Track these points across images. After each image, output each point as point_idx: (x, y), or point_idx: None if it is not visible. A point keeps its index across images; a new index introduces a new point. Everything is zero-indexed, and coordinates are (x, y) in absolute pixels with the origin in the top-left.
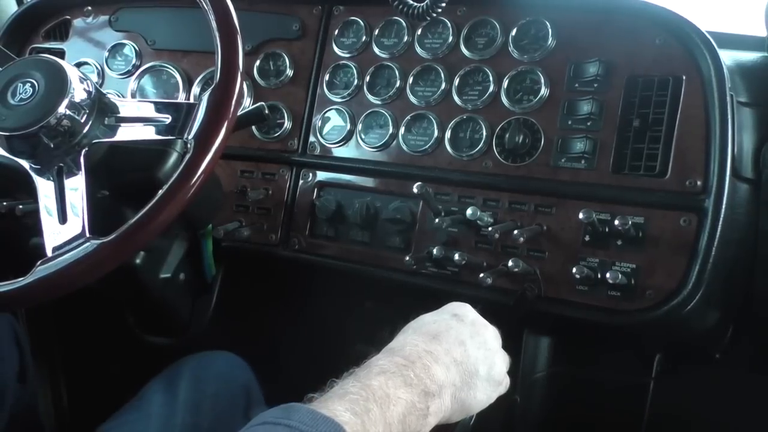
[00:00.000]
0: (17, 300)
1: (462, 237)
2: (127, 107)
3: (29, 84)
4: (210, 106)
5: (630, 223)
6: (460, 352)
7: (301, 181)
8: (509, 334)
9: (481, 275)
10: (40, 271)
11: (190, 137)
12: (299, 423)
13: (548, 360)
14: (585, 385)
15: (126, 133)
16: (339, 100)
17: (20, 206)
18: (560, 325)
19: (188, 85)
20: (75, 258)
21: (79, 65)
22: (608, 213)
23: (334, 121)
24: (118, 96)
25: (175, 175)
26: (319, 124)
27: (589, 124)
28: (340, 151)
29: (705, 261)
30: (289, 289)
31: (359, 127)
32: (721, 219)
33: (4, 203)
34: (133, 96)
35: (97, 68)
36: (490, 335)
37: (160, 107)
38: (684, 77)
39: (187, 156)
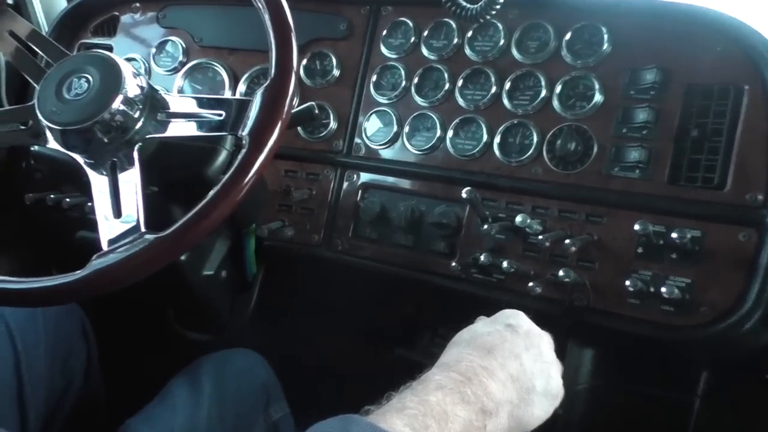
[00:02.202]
0: (74, 292)
1: (509, 244)
2: (177, 103)
3: (84, 79)
4: (265, 103)
5: (688, 236)
6: (515, 366)
7: (345, 182)
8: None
9: (530, 284)
10: (97, 264)
11: (245, 133)
12: None
13: (591, 372)
14: (627, 400)
15: (177, 129)
16: (385, 101)
17: (67, 199)
18: (607, 338)
19: (234, 82)
20: (131, 252)
21: (128, 60)
22: (663, 225)
23: (380, 123)
24: (167, 92)
25: (230, 173)
26: (365, 126)
27: (644, 132)
28: (385, 153)
29: (765, 279)
30: (330, 290)
31: (406, 129)
32: None
33: (52, 196)
34: (180, 93)
35: (144, 64)
36: (546, 345)
37: (211, 103)
38: (746, 87)
39: (242, 153)
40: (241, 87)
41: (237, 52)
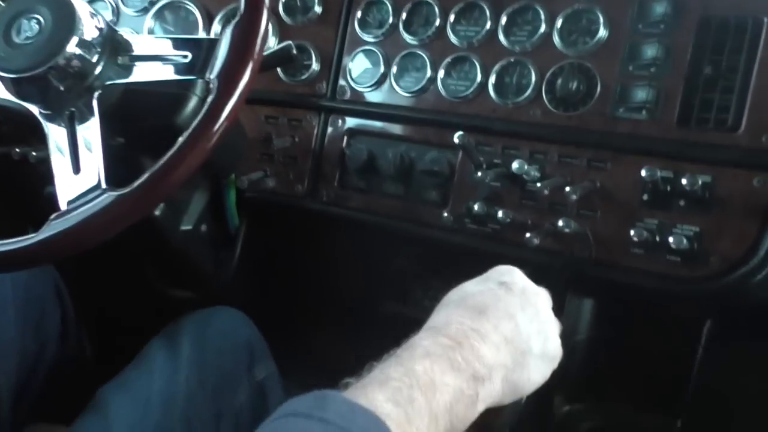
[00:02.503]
0: (31, 256)
1: (505, 192)
2: (142, 44)
3: (35, 20)
4: (234, 42)
5: (699, 182)
6: (510, 327)
7: (329, 128)
8: (552, 296)
9: (528, 235)
10: (54, 226)
11: (213, 76)
12: (335, 416)
13: (590, 323)
14: (627, 350)
15: (142, 73)
16: (372, 39)
17: (33, 153)
18: (609, 289)
19: (208, 22)
20: (91, 212)
21: (92, 1)
22: (671, 170)
23: (367, 63)
24: (130, 33)
25: (197, 120)
26: (350, 67)
27: (653, 70)
28: (372, 96)
29: None
30: (317, 242)
31: (394, 69)
32: None
33: (17, 150)
34: (150, 35)
35: (111, 5)
36: (543, 304)
37: (178, 43)
38: (765, 19)
39: (210, 98)
40: (216, 27)
41: None
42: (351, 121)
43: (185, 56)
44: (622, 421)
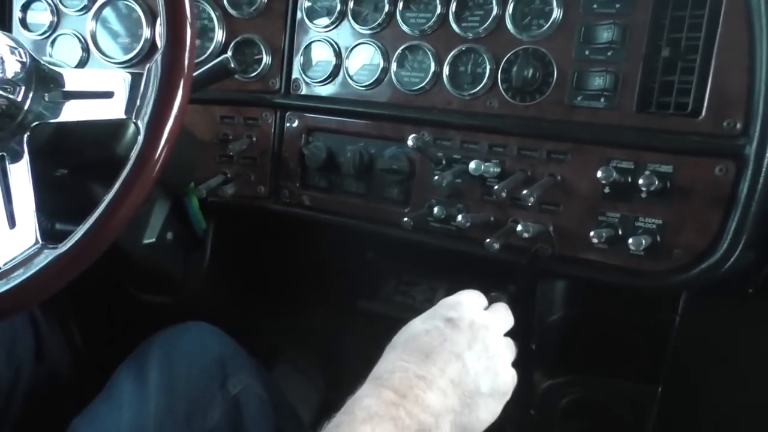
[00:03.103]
0: None
1: (466, 188)
2: (72, 77)
3: None
4: (160, 83)
5: (656, 178)
6: (457, 369)
7: (287, 125)
8: (522, 284)
9: (488, 240)
10: None
11: (140, 122)
12: None
13: (563, 301)
14: (604, 324)
15: (73, 111)
16: (321, 30)
17: None
18: (576, 279)
19: (152, 20)
20: (30, 272)
21: (29, 4)
22: (631, 161)
23: (318, 55)
24: (57, 65)
25: (126, 170)
26: (302, 60)
27: (609, 54)
28: (326, 90)
29: (743, 217)
30: (285, 240)
31: (346, 62)
32: (764, 168)
33: None
34: (93, 37)
35: (50, 5)
36: (492, 337)
37: (106, 76)
38: None
39: (138, 144)
40: (159, 27)
41: None
42: (308, 118)
43: (111, 93)
44: (602, 392)
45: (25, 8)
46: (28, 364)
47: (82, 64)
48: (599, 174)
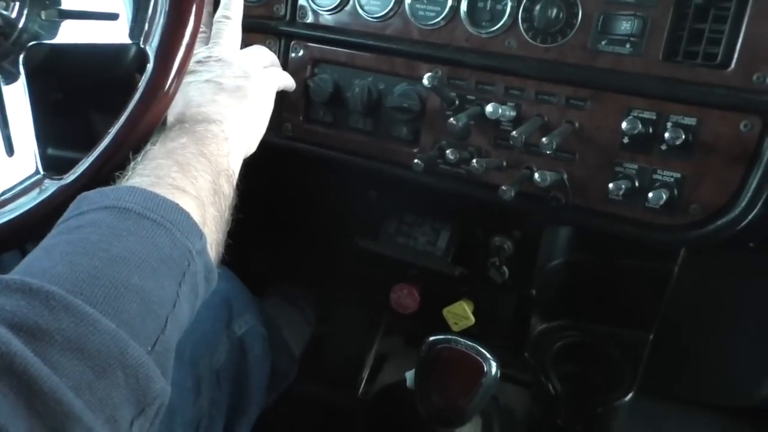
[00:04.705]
0: None
1: (479, 131)
2: None
3: None
4: (172, 6)
5: (682, 125)
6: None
7: (291, 55)
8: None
9: (503, 187)
10: None
11: (149, 48)
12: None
13: (567, 248)
14: (604, 273)
15: (70, 33)
16: None
17: None
18: (586, 229)
19: None
20: (30, 205)
21: None
22: (654, 111)
23: None
24: None
25: (134, 99)
26: None
27: None
28: (335, 20)
29: (765, 176)
30: (283, 174)
31: None
32: None
33: None
34: None
35: None
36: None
37: None
38: None
39: (147, 73)
40: None
41: None
42: (314, 49)
43: (116, 15)
44: (595, 337)
45: None
46: None
47: None
48: (624, 125)
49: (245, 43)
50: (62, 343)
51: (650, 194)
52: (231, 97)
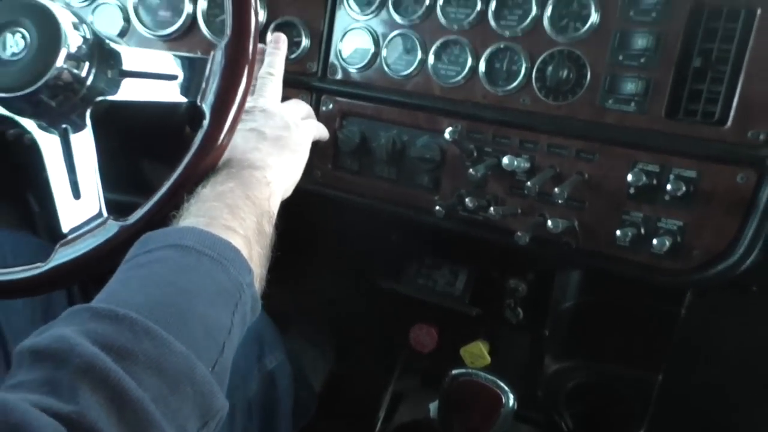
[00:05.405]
0: (36, 286)
1: (496, 180)
2: (130, 57)
3: (19, 34)
4: (224, 69)
5: (684, 177)
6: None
7: (322, 108)
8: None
9: (518, 233)
10: (60, 256)
11: (205, 105)
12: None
13: (578, 291)
14: (613, 314)
15: (131, 90)
16: (361, 17)
17: (27, 135)
18: (595, 272)
19: None
20: (96, 242)
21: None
22: (657, 164)
23: (357, 43)
24: (116, 42)
25: (191, 152)
26: (341, 45)
27: (642, 61)
28: (363, 77)
29: (761, 224)
30: (313, 217)
31: (384, 51)
32: None
33: (11, 131)
34: (135, 9)
35: None
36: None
37: (166, 59)
38: (759, 10)
39: (203, 128)
40: (202, 4)
41: None
42: (343, 103)
43: (174, 76)
44: (606, 377)
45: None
46: None
47: (122, 34)
48: (629, 178)
49: (284, 97)
50: (144, 362)
51: (655, 241)
52: (272, 146)
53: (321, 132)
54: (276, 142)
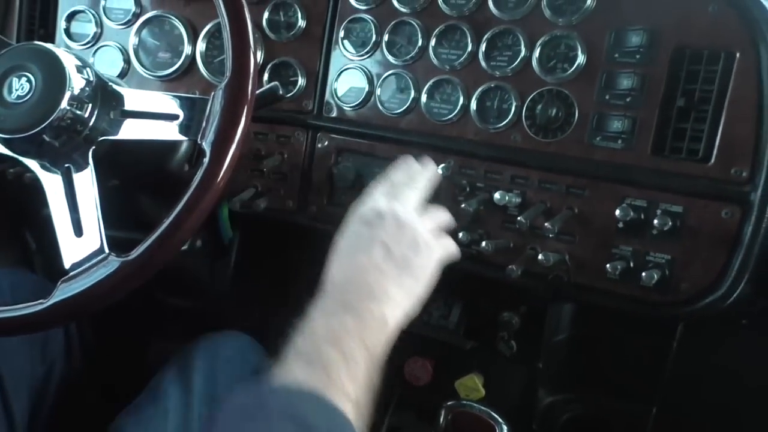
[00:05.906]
0: (37, 323)
1: (488, 216)
2: (132, 98)
3: (25, 78)
4: (224, 108)
5: (667, 218)
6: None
7: (318, 145)
8: (535, 304)
9: (510, 267)
10: (62, 292)
11: (205, 144)
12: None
13: (570, 324)
14: (606, 346)
15: (132, 130)
16: (356, 58)
17: (28, 174)
18: (587, 304)
19: (193, 37)
20: (97, 278)
21: (73, 14)
22: (645, 200)
23: (352, 82)
24: (118, 84)
25: (192, 188)
26: (336, 84)
27: (628, 100)
28: (358, 115)
29: (746, 258)
30: (309, 251)
31: (378, 90)
32: (767, 214)
33: (11, 170)
34: (135, 51)
35: (94, 18)
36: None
37: (167, 99)
38: (738, 54)
39: (203, 165)
40: (201, 45)
41: (194, 1)
42: (338, 140)
43: (175, 116)
44: (600, 410)
45: (69, 19)
46: (60, 359)
47: (122, 75)
48: (617, 213)
49: (276, 134)
50: None
51: (643, 274)
52: (396, 269)
53: (452, 254)
54: (401, 265)
